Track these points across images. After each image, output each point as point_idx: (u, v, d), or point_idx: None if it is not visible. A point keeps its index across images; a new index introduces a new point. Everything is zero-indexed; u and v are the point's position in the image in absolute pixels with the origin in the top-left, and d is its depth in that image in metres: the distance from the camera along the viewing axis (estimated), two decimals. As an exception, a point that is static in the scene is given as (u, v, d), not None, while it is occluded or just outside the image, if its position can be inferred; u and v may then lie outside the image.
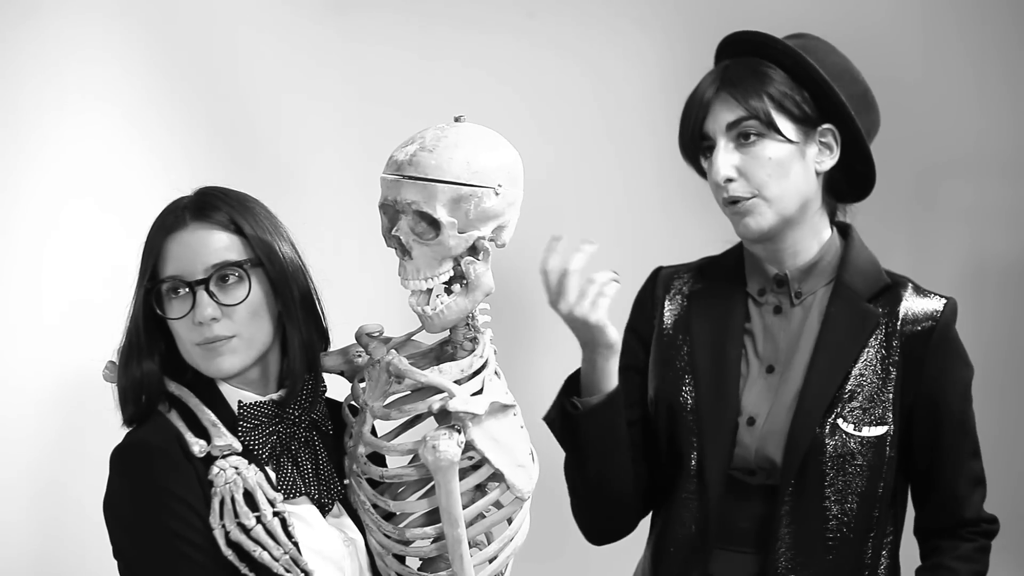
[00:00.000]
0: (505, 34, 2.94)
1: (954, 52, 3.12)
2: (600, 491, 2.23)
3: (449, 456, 1.83)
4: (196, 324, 1.89)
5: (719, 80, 2.18)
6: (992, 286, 3.03)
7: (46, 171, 2.60)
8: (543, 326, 2.94)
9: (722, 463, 2.17)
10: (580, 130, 2.98)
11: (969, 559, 2.20)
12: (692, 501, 2.21)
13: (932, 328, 2.18)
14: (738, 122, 2.15)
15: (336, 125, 2.84)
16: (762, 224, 2.16)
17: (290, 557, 1.87)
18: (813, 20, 2.35)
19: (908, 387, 2.17)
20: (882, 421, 2.16)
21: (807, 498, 2.15)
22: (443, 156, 1.83)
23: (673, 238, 2.95)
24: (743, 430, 2.18)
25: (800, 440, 2.14)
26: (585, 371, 2.17)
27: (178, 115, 2.71)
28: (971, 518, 2.22)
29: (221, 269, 1.90)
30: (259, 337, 1.94)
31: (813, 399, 2.16)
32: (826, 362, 2.17)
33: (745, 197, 2.15)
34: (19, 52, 2.56)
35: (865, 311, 2.19)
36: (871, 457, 2.15)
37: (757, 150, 2.14)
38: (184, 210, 1.94)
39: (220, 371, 1.92)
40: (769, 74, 2.16)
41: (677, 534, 2.22)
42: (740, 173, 2.15)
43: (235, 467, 1.89)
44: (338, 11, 2.83)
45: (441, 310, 1.88)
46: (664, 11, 3.01)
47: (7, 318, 2.57)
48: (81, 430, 2.57)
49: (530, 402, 2.72)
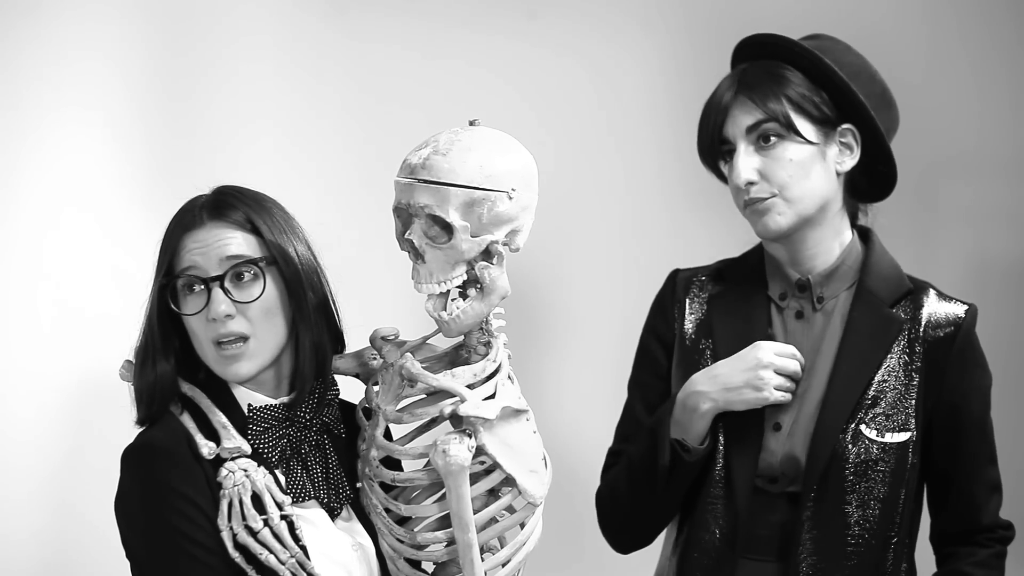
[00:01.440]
0: (507, 35, 2.93)
1: (956, 52, 3.11)
2: (659, 517, 2.26)
3: (459, 461, 1.82)
4: (210, 320, 1.91)
5: (737, 84, 2.18)
6: (994, 287, 3.02)
7: (46, 172, 2.60)
8: (556, 330, 2.94)
9: (749, 468, 2.17)
10: (583, 131, 2.98)
11: (986, 565, 2.20)
12: (716, 507, 2.20)
13: (955, 334, 2.18)
14: (757, 125, 2.15)
15: (340, 125, 2.83)
16: (781, 223, 2.16)
17: (296, 561, 1.87)
18: (815, 21, 2.35)
19: (930, 393, 2.17)
20: (905, 427, 2.16)
21: (829, 504, 2.14)
22: (456, 160, 1.82)
23: (677, 238, 2.95)
24: (769, 435, 2.18)
25: (823, 446, 2.14)
26: (693, 419, 2.17)
27: (181, 115, 2.71)
28: (988, 524, 2.22)
29: (236, 266, 1.92)
30: (273, 338, 1.94)
31: (836, 405, 2.16)
32: (849, 368, 2.17)
33: (765, 198, 2.15)
34: (18, 52, 2.57)
35: (888, 317, 2.19)
36: (893, 463, 2.15)
37: (777, 152, 2.15)
38: (201, 208, 1.96)
39: (236, 375, 1.93)
40: (787, 76, 2.16)
41: (701, 539, 2.21)
42: (761, 175, 2.15)
43: (244, 469, 1.90)
44: (340, 11, 2.82)
45: (457, 315, 1.88)
46: (667, 11, 3.00)
47: (7, 320, 2.57)
48: (87, 434, 2.56)
49: (544, 407, 2.72)
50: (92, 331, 2.58)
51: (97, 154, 2.64)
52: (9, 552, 2.54)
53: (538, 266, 2.80)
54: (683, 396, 2.18)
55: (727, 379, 2.15)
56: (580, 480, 2.73)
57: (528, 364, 2.86)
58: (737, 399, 2.14)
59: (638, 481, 2.22)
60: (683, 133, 2.88)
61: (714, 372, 2.17)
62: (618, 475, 2.27)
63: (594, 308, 2.97)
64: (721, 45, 2.43)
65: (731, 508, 2.18)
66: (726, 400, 2.15)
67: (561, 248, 2.95)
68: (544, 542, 1.98)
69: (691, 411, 2.17)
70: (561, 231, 2.92)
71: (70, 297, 2.60)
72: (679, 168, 2.93)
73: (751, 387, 2.14)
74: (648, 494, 2.21)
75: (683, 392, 2.19)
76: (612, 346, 2.90)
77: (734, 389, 2.14)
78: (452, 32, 2.89)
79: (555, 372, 2.90)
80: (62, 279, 2.60)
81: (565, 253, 2.95)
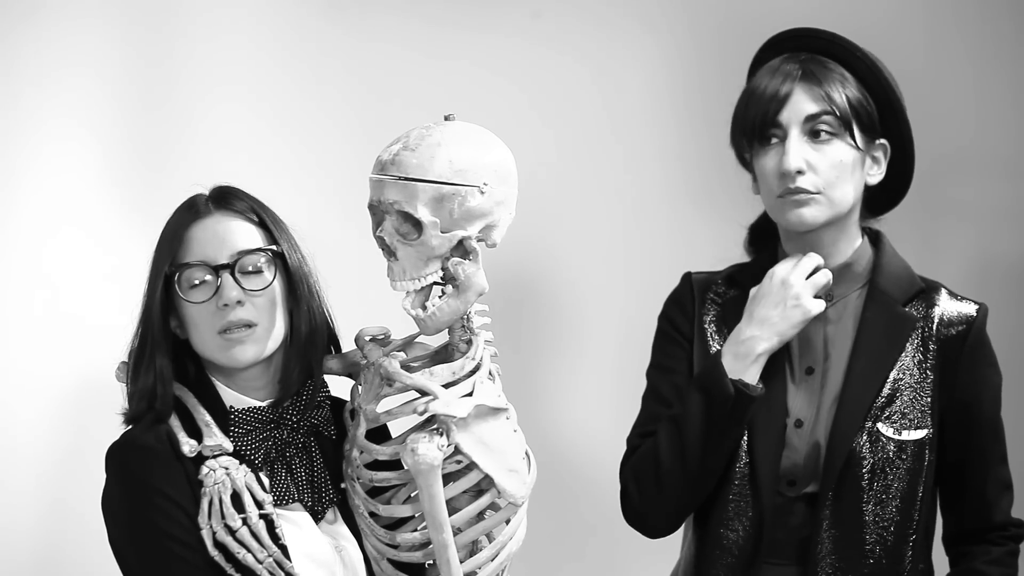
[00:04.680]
0: (510, 34, 2.92)
1: (957, 50, 3.06)
2: (709, 476, 2.19)
3: (428, 460, 1.81)
4: (220, 308, 1.91)
5: (801, 72, 2.16)
6: (996, 286, 2.96)
7: (45, 175, 2.62)
8: (559, 329, 2.93)
9: (772, 466, 2.16)
10: (585, 130, 2.96)
11: (1000, 563, 2.19)
12: (740, 504, 2.18)
13: (967, 332, 2.18)
14: (818, 115, 2.14)
15: (341, 124, 2.83)
16: (818, 218, 2.14)
17: (274, 560, 1.87)
18: (814, 19, 2.30)
19: (943, 391, 2.17)
20: (921, 424, 2.15)
21: (848, 502, 2.13)
22: (424, 155, 1.81)
23: (679, 238, 2.93)
24: (791, 432, 2.17)
25: (841, 445, 2.13)
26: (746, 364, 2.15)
27: (179, 113, 2.71)
28: (1001, 522, 2.21)
29: (246, 255, 1.93)
30: (277, 329, 1.95)
31: (853, 404, 2.15)
32: (864, 367, 2.16)
33: (811, 191, 2.13)
34: (17, 56, 2.59)
35: (902, 315, 2.19)
36: (911, 461, 2.14)
37: (829, 150, 2.14)
38: (208, 200, 1.98)
39: (240, 360, 1.93)
40: (848, 77, 2.17)
41: (725, 538, 2.19)
42: (809, 167, 2.14)
43: (225, 468, 1.90)
44: (341, 9, 2.82)
45: (433, 312, 1.87)
46: (670, 11, 2.98)
47: (6, 321, 2.59)
48: (84, 434, 2.57)
49: (547, 407, 2.71)
50: (86, 335, 2.59)
51: (95, 156, 2.66)
52: (6, 553, 2.57)
53: (539, 265, 2.78)
54: (731, 348, 2.16)
55: (766, 314, 2.14)
56: (585, 479, 2.72)
57: (530, 363, 2.86)
58: (786, 326, 2.13)
59: (691, 436, 2.16)
60: (686, 132, 2.88)
61: (751, 318, 2.16)
62: (657, 445, 2.20)
63: (597, 307, 2.94)
64: (724, 45, 2.41)
65: (756, 506, 2.16)
66: (777, 332, 2.13)
67: (563, 247, 2.93)
68: (544, 541, 1.96)
69: (744, 357, 2.14)
70: (563, 230, 2.91)
71: (65, 302, 2.62)
72: (681, 167, 2.92)
73: (791, 307, 2.13)
74: (703, 445, 2.16)
75: (729, 346, 2.16)
76: (615, 345, 2.88)
77: (779, 319, 2.13)
78: (454, 31, 2.89)
79: (558, 371, 2.87)
80: (58, 282, 2.62)
81: (567, 252, 2.93)
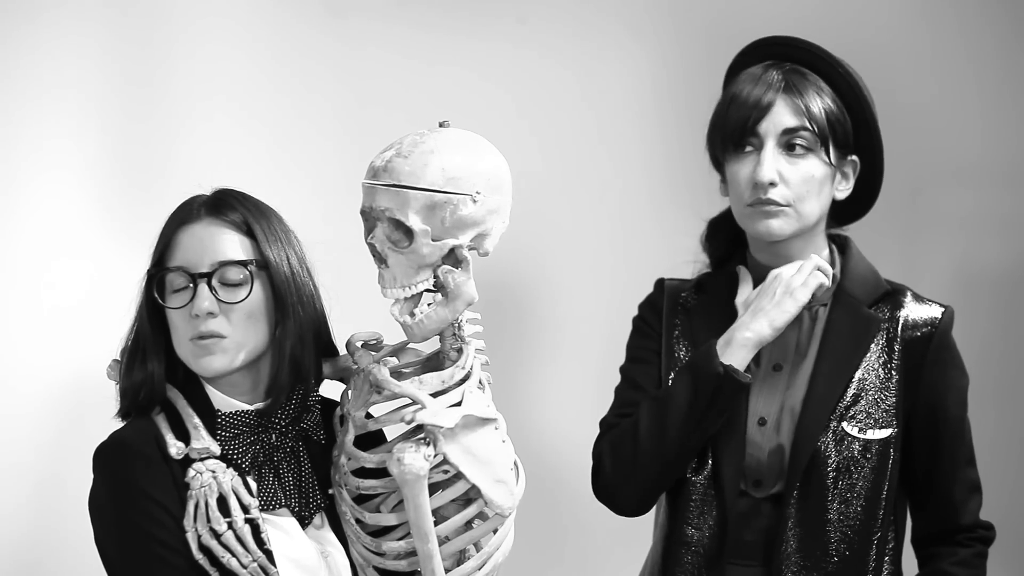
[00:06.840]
0: (497, 39, 2.92)
1: (947, 62, 3.07)
2: (684, 459, 2.20)
3: (414, 470, 1.80)
4: (192, 317, 1.90)
5: (783, 84, 2.17)
6: (984, 295, 2.97)
7: (43, 180, 2.62)
8: (543, 335, 2.93)
9: (736, 463, 2.17)
10: (571, 135, 2.96)
11: (968, 564, 2.21)
12: (703, 503, 2.20)
13: (931, 334, 2.20)
14: (796, 130, 2.16)
15: (332, 130, 2.83)
16: (785, 230, 2.17)
17: (258, 565, 1.86)
18: (808, 27, 2.31)
19: (908, 393, 2.19)
20: (886, 424, 2.17)
21: (813, 501, 2.15)
22: (417, 162, 1.80)
23: (664, 243, 2.92)
24: (754, 430, 2.19)
25: (806, 444, 2.15)
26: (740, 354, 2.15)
27: (174, 118, 2.71)
28: (968, 524, 2.23)
29: (226, 266, 1.91)
30: (251, 342, 1.93)
31: (818, 403, 2.16)
32: (830, 367, 2.18)
33: (780, 204, 2.15)
34: (16, 59, 2.58)
35: (867, 316, 2.21)
36: (876, 460, 2.16)
37: (803, 164, 2.16)
38: (201, 205, 1.97)
39: (207, 370, 1.92)
40: (828, 91, 2.18)
41: (687, 537, 2.21)
42: (781, 179, 2.15)
43: (212, 471, 1.89)
44: (334, 14, 2.82)
45: (421, 319, 1.86)
46: (656, 17, 2.98)
47: (6, 321, 2.59)
48: (77, 432, 2.57)
49: (529, 412, 2.70)
50: (85, 336, 2.59)
51: (94, 156, 2.65)
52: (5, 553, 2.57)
53: (524, 270, 2.78)
54: (726, 336, 2.16)
55: (760, 304, 2.15)
56: (564, 486, 2.71)
57: (513, 369, 2.85)
58: (778, 313, 2.14)
59: (674, 415, 2.16)
60: (671, 138, 2.89)
61: (748, 310, 2.17)
62: (638, 423, 2.19)
63: (581, 312, 2.95)
64: (710, 51, 2.41)
65: (720, 505, 2.18)
66: (769, 320, 2.14)
67: (548, 253, 2.93)
68: (525, 548, 1.95)
69: (733, 344, 2.15)
70: (548, 235, 2.91)
71: (64, 302, 2.62)
72: (666, 173, 2.93)
73: (783, 296, 2.14)
74: (683, 426, 2.16)
75: (724, 335, 2.16)
76: (598, 351, 2.87)
77: (771, 307, 2.14)
78: (442, 36, 2.88)
79: (541, 377, 2.88)
80: (58, 282, 2.63)
81: (552, 258, 2.94)
